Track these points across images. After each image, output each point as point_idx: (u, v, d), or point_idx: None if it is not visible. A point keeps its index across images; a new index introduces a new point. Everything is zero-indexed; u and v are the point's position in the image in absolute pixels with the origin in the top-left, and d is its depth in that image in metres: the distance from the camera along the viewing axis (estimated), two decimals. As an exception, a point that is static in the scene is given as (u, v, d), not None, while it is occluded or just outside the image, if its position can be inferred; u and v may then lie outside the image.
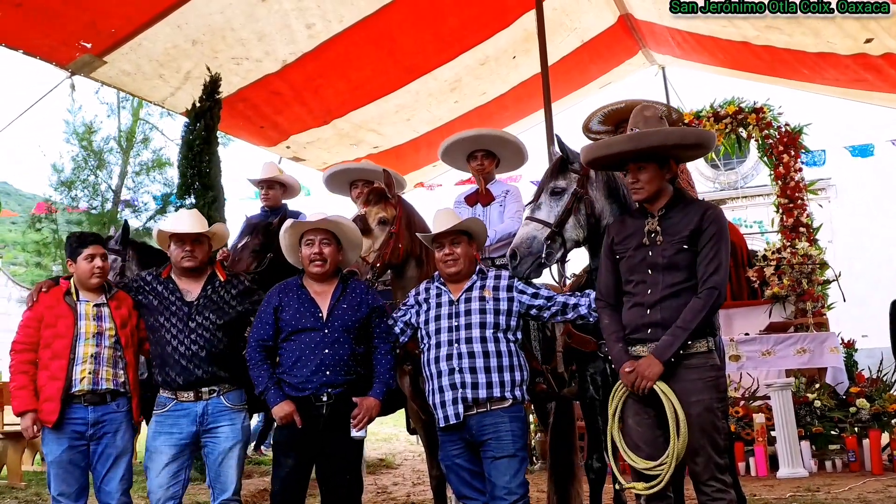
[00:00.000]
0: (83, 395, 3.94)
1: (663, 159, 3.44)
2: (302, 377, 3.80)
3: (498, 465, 3.65)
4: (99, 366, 3.98)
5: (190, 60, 8.17)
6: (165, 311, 4.07)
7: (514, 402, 3.74)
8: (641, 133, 3.46)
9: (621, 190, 3.98)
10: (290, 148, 10.49)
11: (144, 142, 18.71)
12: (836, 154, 12.17)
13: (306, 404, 3.79)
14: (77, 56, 7.60)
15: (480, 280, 3.94)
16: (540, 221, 3.92)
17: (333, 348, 3.83)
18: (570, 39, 9.98)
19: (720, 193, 19.10)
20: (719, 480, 3.22)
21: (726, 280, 3.32)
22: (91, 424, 3.96)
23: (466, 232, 3.99)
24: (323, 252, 3.95)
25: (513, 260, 3.87)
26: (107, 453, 3.99)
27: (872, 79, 8.99)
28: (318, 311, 3.90)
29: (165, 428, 3.98)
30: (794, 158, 9.62)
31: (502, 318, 3.82)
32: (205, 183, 8.33)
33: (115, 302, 4.12)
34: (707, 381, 3.26)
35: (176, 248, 4.13)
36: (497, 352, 3.77)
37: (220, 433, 3.97)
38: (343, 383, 3.82)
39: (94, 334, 4.01)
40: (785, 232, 9.51)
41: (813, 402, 7.98)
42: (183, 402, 3.98)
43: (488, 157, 5.30)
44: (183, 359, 3.97)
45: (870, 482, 6.88)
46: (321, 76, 8.98)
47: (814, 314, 8.87)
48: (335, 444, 3.81)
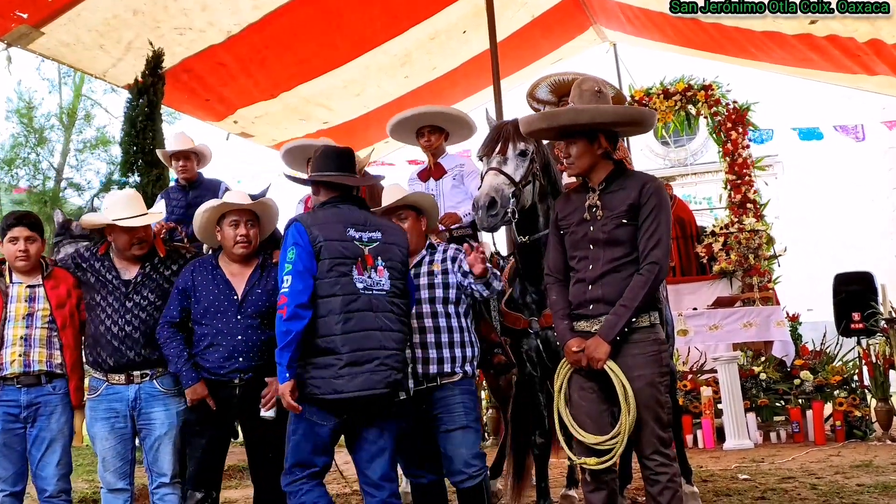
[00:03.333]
0: (15, 377, 3.81)
1: (592, 134, 3.39)
2: (214, 362, 3.78)
3: (451, 438, 3.66)
4: (30, 347, 3.84)
5: (131, 31, 7.91)
6: (102, 290, 3.94)
7: (463, 377, 3.73)
8: (579, 108, 3.41)
9: (553, 167, 3.95)
10: (237, 123, 10.27)
11: (87, 118, 18.25)
12: (783, 132, 12.37)
13: (219, 387, 3.79)
14: (13, 27, 7.29)
15: (430, 255, 3.90)
16: (507, 176, 3.79)
17: (247, 334, 3.80)
18: (520, 14, 9.91)
19: (670, 170, 19.29)
20: (663, 454, 3.22)
21: (668, 254, 3.29)
22: (25, 406, 3.83)
23: (415, 207, 3.92)
24: (249, 234, 3.90)
25: (491, 209, 3.69)
26: (41, 437, 3.86)
27: (817, 59, 9.10)
28: (232, 294, 3.86)
29: (101, 414, 3.88)
30: (741, 135, 9.75)
31: (452, 292, 3.80)
32: (149, 160, 8.11)
33: (51, 281, 3.97)
34: (649, 355, 3.25)
35: (119, 236, 3.95)
36: (448, 327, 3.75)
37: (154, 419, 3.87)
38: (254, 368, 3.79)
39: (24, 316, 3.87)
40: (733, 208, 9.64)
41: (758, 374, 8.14)
42: (114, 384, 3.87)
43: (435, 132, 5.27)
44: (115, 339, 3.85)
45: (813, 452, 7.04)
46: (267, 48, 8.79)
47: (760, 289, 9.04)
48: (249, 425, 3.84)
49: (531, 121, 3.50)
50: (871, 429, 7.82)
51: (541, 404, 4.15)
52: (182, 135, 5.92)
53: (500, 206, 3.70)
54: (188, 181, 5.81)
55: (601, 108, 3.39)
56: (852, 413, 7.79)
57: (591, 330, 3.30)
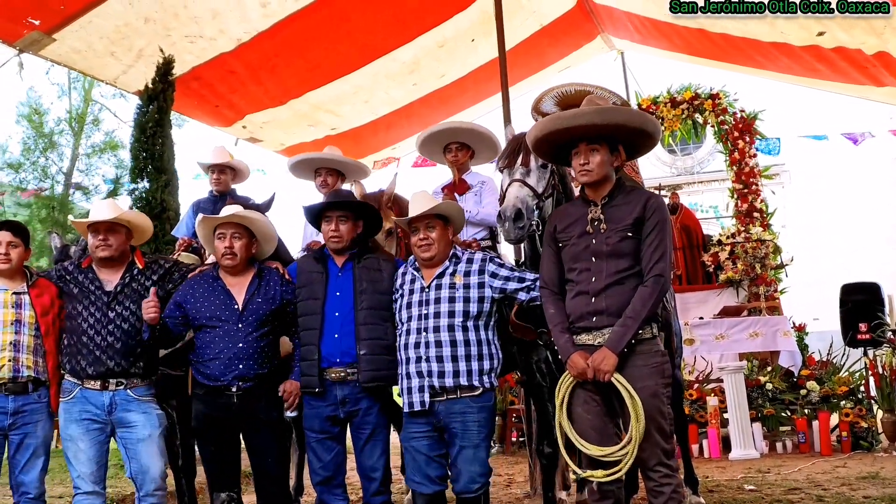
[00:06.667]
0: (4, 383, 3.88)
1: (614, 144, 3.42)
2: (215, 369, 3.87)
3: (464, 454, 3.67)
4: (19, 353, 3.92)
5: (142, 38, 7.98)
6: (84, 300, 4.01)
7: (483, 391, 3.73)
8: (607, 108, 3.45)
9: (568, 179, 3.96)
10: (246, 128, 10.32)
11: (96, 123, 18.32)
12: (791, 141, 12.36)
13: (217, 394, 3.88)
14: (25, 33, 7.36)
15: (453, 265, 3.88)
16: (531, 188, 3.81)
17: (247, 341, 3.90)
18: (528, 23, 9.93)
19: (676, 178, 19.23)
20: (666, 465, 3.24)
21: (671, 267, 3.34)
22: (11, 414, 3.90)
23: (443, 216, 3.93)
24: (233, 246, 4.01)
25: (518, 220, 3.70)
26: (26, 444, 3.93)
27: (825, 70, 9.10)
28: (233, 304, 3.96)
29: (75, 415, 3.92)
30: (748, 144, 9.77)
31: (473, 306, 3.77)
32: (158, 166, 8.21)
33: (36, 290, 4.05)
34: (652, 367, 3.28)
35: (92, 237, 4.06)
36: (465, 340, 3.73)
37: (133, 421, 3.92)
38: (254, 376, 3.89)
39: (12, 322, 3.94)
40: (739, 217, 9.66)
41: (765, 384, 8.12)
42: (88, 388, 3.92)
43: (462, 148, 5.39)
44: (97, 349, 3.91)
45: (819, 463, 7.02)
46: (277, 55, 8.83)
47: (766, 298, 9.03)
48: (250, 432, 3.94)
49: (579, 114, 3.40)
50: (877, 440, 7.80)
51: (549, 414, 4.16)
52: (221, 149, 6.05)
53: (525, 217, 3.72)
54: (220, 193, 5.91)
55: (647, 116, 3.44)
56: (858, 424, 7.76)
57: (594, 343, 3.32)
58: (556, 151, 3.59)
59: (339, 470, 3.96)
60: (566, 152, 3.52)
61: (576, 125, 3.40)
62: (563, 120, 3.44)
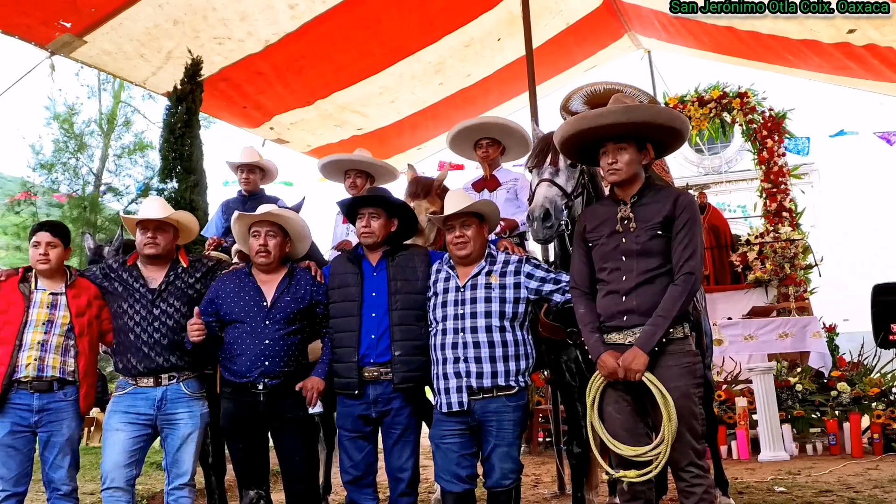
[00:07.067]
0: (29, 381, 3.93)
1: (642, 143, 3.41)
2: (241, 365, 3.90)
3: (498, 452, 3.69)
4: (45, 353, 3.97)
5: (171, 40, 8.06)
6: (129, 298, 4.07)
7: (519, 390, 3.73)
8: (633, 106, 3.43)
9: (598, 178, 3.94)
10: (273, 129, 10.39)
11: (126, 124, 18.54)
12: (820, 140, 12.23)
13: (244, 391, 3.91)
14: (56, 35, 7.46)
15: (489, 265, 3.88)
16: (560, 188, 3.81)
17: (274, 338, 3.93)
18: (555, 22, 9.91)
19: (704, 178, 19.13)
20: (697, 466, 3.23)
21: (702, 265, 3.31)
22: (36, 411, 3.95)
23: (478, 215, 3.93)
24: (268, 244, 4.06)
25: (546, 220, 3.70)
26: (53, 441, 3.97)
27: (856, 67, 8.99)
28: (262, 300, 4.00)
29: (122, 407, 3.98)
30: (777, 143, 9.68)
31: (508, 307, 3.77)
32: (187, 167, 8.26)
33: (73, 290, 4.11)
34: (684, 367, 3.26)
35: (140, 234, 4.13)
36: (503, 341, 3.73)
37: (178, 419, 3.98)
38: (280, 374, 3.91)
39: (44, 322, 4.00)
40: (768, 216, 9.57)
41: (794, 385, 8.05)
42: (142, 386, 3.98)
43: (493, 144, 5.38)
44: (145, 346, 3.97)
45: (850, 465, 6.94)
46: (304, 57, 8.88)
47: (796, 298, 8.95)
48: (278, 430, 3.98)
49: (605, 113, 3.39)
50: (910, 442, 7.70)
51: (578, 414, 4.15)
52: (251, 149, 6.11)
53: (554, 217, 3.71)
54: (249, 193, 5.96)
55: (674, 112, 3.42)
56: (890, 426, 7.66)
57: (624, 342, 3.31)
58: (585, 151, 3.59)
59: (369, 470, 3.97)
60: (595, 152, 3.52)
61: (601, 124, 3.39)
62: (589, 120, 3.44)
